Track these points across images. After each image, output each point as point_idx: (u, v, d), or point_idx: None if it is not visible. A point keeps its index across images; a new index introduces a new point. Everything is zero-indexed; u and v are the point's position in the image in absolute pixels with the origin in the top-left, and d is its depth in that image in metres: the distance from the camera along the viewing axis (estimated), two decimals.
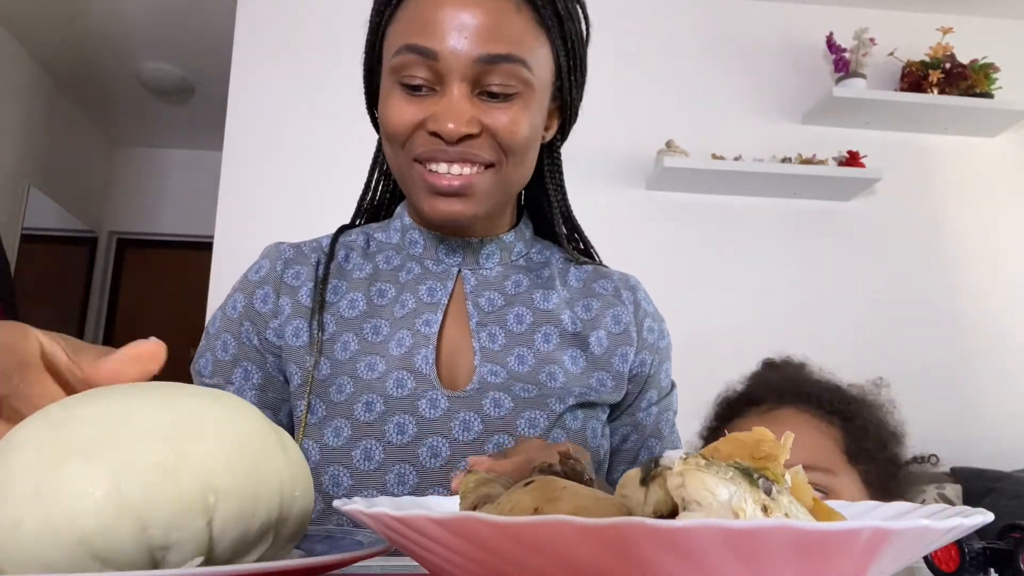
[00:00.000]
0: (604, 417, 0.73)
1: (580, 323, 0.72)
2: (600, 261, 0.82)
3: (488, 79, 0.61)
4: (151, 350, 0.38)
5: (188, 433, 0.29)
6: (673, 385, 0.80)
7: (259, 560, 0.31)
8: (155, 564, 0.28)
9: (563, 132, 0.75)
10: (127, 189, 4.48)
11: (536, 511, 0.28)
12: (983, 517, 0.27)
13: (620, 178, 2.37)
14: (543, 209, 0.79)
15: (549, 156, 0.75)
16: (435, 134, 0.61)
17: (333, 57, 2.32)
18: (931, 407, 2.10)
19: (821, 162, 2.31)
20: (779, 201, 2.41)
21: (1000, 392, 2.31)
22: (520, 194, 0.78)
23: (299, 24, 2.35)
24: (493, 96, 0.62)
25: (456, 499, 0.39)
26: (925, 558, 0.42)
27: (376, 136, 0.76)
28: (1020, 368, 2.35)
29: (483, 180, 0.63)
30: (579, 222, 0.80)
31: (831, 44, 2.42)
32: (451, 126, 0.60)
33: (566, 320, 0.72)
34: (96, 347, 0.40)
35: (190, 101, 3.79)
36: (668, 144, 2.29)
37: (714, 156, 2.30)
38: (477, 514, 0.22)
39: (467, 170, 0.62)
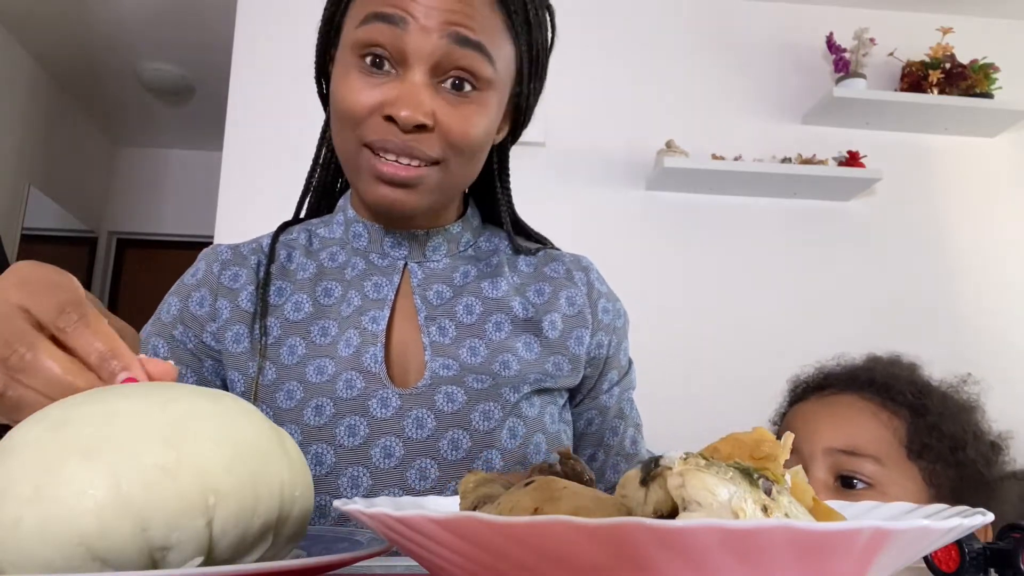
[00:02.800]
0: (562, 402, 0.72)
1: (532, 308, 0.71)
2: (551, 244, 0.80)
3: (452, 64, 0.59)
4: (165, 373, 0.38)
5: (188, 433, 0.29)
6: (631, 362, 0.79)
7: (259, 560, 0.31)
8: (155, 564, 0.28)
9: (514, 135, 0.74)
10: (127, 189, 4.47)
11: (536, 511, 0.28)
12: (983, 517, 0.27)
13: (620, 178, 2.37)
14: (489, 202, 0.78)
15: (499, 157, 0.75)
16: (390, 119, 0.59)
17: None
18: None
19: (821, 162, 2.31)
20: (779, 201, 2.41)
21: (1000, 392, 2.30)
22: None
23: (299, 24, 2.35)
24: (455, 87, 0.60)
25: (456, 499, 0.39)
26: (925, 558, 0.42)
27: (324, 112, 0.73)
28: (1020, 368, 2.34)
29: (430, 175, 0.62)
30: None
31: (831, 44, 2.42)
32: (406, 113, 0.58)
33: (516, 307, 0.70)
34: (107, 326, 0.38)
35: (190, 101, 3.79)
36: (668, 144, 2.29)
37: (714, 156, 2.30)
38: (477, 514, 0.22)
39: (414, 163, 0.61)
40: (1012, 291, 2.43)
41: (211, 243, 2.23)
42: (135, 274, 4.48)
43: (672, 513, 0.25)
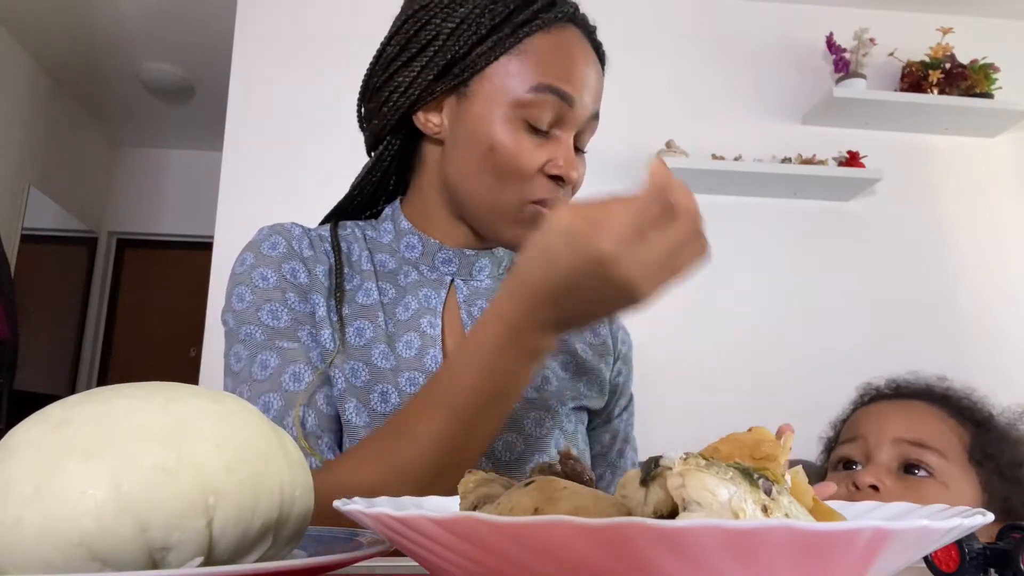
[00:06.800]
0: (586, 423, 0.77)
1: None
2: None
3: (585, 134, 0.68)
4: None
5: (188, 434, 0.29)
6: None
7: (259, 560, 0.31)
8: (155, 564, 0.28)
9: None
10: (127, 189, 4.47)
11: (536, 511, 0.28)
12: (983, 517, 0.27)
13: (620, 178, 2.37)
14: None
15: None
16: (557, 178, 0.65)
17: (333, 57, 2.32)
18: None
19: (821, 162, 2.31)
20: (779, 201, 2.41)
21: (999, 392, 2.30)
22: None
23: (299, 24, 2.35)
24: (578, 148, 0.68)
25: (456, 499, 0.39)
26: (925, 558, 0.42)
27: (374, 135, 0.73)
28: (1019, 368, 2.34)
29: None
30: None
31: (831, 44, 2.42)
32: (575, 175, 0.65)
33: None
34: None
35: (190, 101, 3.79)
36: (668, 144, 2.29)
37: (714, 156, 2.30)
38: (477, 514, 0.22)
39: None
40: (1012, 291, 2.43)
41: (211, 243, 2.23)
42: (135, 274, 4.48)
43: (672, 513, 0.25)
